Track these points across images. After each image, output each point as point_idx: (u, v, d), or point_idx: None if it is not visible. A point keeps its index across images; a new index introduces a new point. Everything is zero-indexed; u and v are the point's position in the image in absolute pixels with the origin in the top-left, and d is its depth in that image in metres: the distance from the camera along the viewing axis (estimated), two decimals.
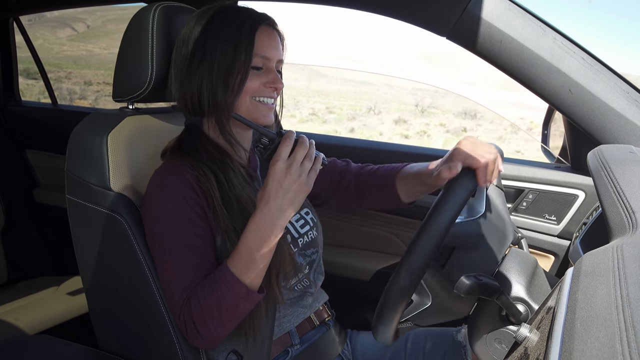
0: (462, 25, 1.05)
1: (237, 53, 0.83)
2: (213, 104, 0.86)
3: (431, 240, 0.69)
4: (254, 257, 0.76)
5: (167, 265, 0.82)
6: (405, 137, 12.80)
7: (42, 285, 1.78)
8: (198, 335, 0.80)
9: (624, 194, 0.56)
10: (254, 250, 0.76)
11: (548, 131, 1.48)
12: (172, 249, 0.81)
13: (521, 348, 0.58)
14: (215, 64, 0.84)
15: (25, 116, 2.16)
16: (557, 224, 1.25)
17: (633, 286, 0.36)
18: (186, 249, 0.81)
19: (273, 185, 0.74)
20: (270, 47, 0.87)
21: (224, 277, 0.77)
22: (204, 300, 0.77)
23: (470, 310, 0.80)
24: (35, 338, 1.13)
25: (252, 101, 0.87)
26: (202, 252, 0.82)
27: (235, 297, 0.77)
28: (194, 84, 0.86)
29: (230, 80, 0.84)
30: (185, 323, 0.80)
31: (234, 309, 0.78)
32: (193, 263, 0.81)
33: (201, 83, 0.85)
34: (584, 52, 1.03)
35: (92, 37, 23.10)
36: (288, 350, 0.94)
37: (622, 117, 1.00)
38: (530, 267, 0.80)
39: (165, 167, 0.87)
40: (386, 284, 0.72)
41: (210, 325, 0.79)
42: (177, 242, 0.81)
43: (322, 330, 1.01)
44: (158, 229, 0.83)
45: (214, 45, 0.84)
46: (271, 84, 0.87)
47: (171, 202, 0.82)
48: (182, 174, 0.84)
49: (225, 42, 0.84)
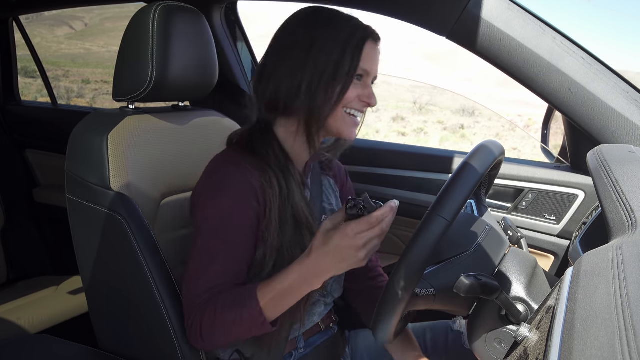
0: (461, 25, 1.05)
1: (345, 61, 0.81)
2: (309, 108, 0.83)
3: (430, 239, 0.69)
4: (285, 298, 0.76)
5: (202, 263, 0.81)
6: (403, 135, 12.78)
7: (42, 285, 1.78)
8: (199, 337, 0.80)
9: (624, 194, 0.56)
10: (288, 291, 0.76)
11: (548, 131, 1.48)
12: (215, 251, 0.81)
13: (521, 348, 0.59)
14: (320, 67, 0.81)
15: (25, 116, 2.16)
16: (556, 224, 1.26)
17: (633, 286, 0.36)
18: (228, 256, 0.81)
19: (335, 250, 0.71)
20: (373, 61, 0.85)
21: (249, 301, 0.77)
22: (221, 312, 0.77)
23: (470, 310, 0.80)
24: (35, 338, 1.13)
25: (342, 112, 0.85)
26: (241, 263, 0.82)
27: (250, 322, 0.77)
28: (295, 81, 0.82)
29: (332, 86, 0.82)
30: (193, 322, 0.80)
31: (245, 331, 0.78)
32: (228, 271, 0.81)
33: (300, 83, 0.82)
34: (583, 51, 1.03)
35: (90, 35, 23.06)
36: (292, 353, 0.95)
37: (622, 117, 1.00)
38: (530, 267, 0.80)
39: (234, 162, 0.84)
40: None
41: (216, 335, 0.79)
42: (222, 247, 0.81)
43: (327, 334, 1.01)
44: (208, 225, 0.82)
45: (322, 48, 0.81)
46: (366, 99, 0.85)
47: (232, 206, 0.81)
48: (249, 179, 0.81)
49: (335, 47, 0.81)
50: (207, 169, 0.87)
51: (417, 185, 1.41)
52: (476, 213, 0.99)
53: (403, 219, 1.44)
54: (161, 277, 0.90)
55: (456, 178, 0.72)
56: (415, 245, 0.69)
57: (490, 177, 1.00)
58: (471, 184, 0.72)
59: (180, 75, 0.99)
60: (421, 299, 0.76)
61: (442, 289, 0.76)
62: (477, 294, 0.68)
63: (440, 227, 0.69)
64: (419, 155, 1.44)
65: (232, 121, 1.19)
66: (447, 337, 1.07)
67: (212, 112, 1.17)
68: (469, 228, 0.86)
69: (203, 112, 1.15)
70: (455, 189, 0.71)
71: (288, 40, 0.85)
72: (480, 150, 0.79)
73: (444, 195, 0.71)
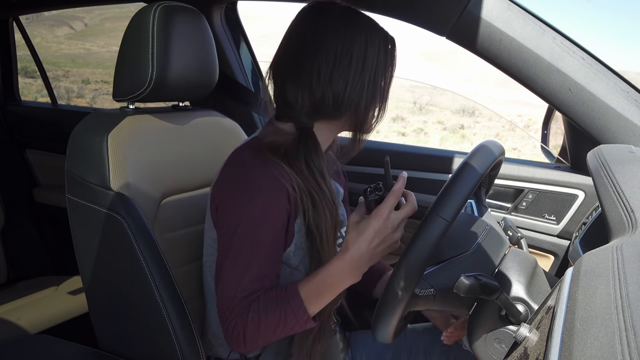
0: (461, 25, 1.05)
1: (388, 61, 0.85)
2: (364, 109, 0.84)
3: (429, 239, 0.69)
4: (327, 292, 0.78)
5: (237, 268, 0.79)
6: (403, 135, 12.78)
7: (42, 285, 1.78)
8: (242, 343, 0.79)
9: (624, 194, 0.56)
10: (329, 287, 0.78)
11: (548, 131, 1.48)
12: (249, 254, 0.79)
13: (521, 348, 0.59)
14: (374, 70, 0.83)
15: (25, 116, 2.16)
16: (556, 224, 1.26)
17: (633, 286, 0.36)
18: (262, 259, 0.79)
19: (372, 234, 0.75)
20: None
21: (292, 300, 0.78)
22: (265, 316, 0.77)
23: (470, 310, 0.80)
24: (35, 338, 1.13)
25: None
26: (276, 264, 0.82)
27: (294, 321, 0.78)
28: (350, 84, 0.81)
29: (384, 87, 0.85)
30: (234, 329, 0.79)
31: (289, 330, 0.79)
32: (264, 274, 0.80)
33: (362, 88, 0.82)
34: (583, 51, 1.03)
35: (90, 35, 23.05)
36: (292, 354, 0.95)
37: (622, 117, 1.00)
38: (530, 267, 0.80)
39: (261, 161, 0.81)
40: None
41: (259, 338, 0.79)
42: (256, 250, 0.79)
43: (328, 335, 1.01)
44: (242, 229, 0.79)
45: (373, 51, 0.82)
46: None
47: (265, 209, 0.79)
48: (279, 177, 0.79)
49: (381, 50, 0.83)
50: (229, 170, 0.83)
51: (417, 185, 1.41)
52: (476, 213, 0.99)
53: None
54: (161, 277, 0.90)
55: (456, 178, 0.72)
56: (415, 246, 0.69)
57: (490, 177, 1.00)
58: (471, 184, 0.72)
59: (180, 75, 0.99)
60: (421, 299, 0.76)
61: (442, 289, 0.76)
62: (477, 294, 0.68)
63: (440, 227, 0.69)
64: (419, 155, 1.44)
65: (232, 121, 1.19)
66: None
67: (212, 112, 1.17)
68: (469, 228, 0.86)
69: (203, 112, 1.15)
70: (455, 189, 0.71)
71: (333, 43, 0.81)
72: (480, 150, 0.79)
73: (443, 195, 0.71)
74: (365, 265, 0.77)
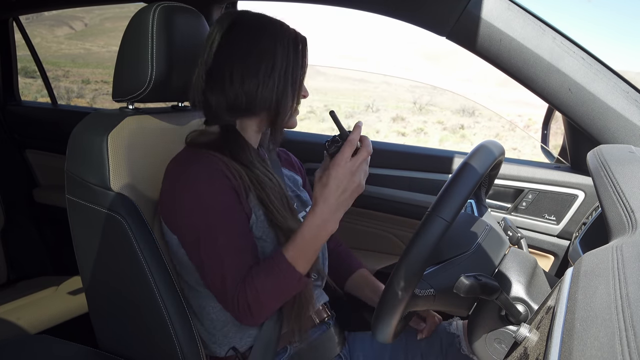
0: (461, 25, 1.05)
1: (298, 59, 0.89)
2: (276, 106, 0.89)
3: (429, 239, 0.69)
4: (309, 248, 0.82)
5: (217, 253, 0.83)
6: (402, 135, 12.78)
7: (42, 285, 1.78)
8: (250, 315, 0.84)
9: (624, 194, 0.56)
10: (310, 242, 0.82)
11: (548, 131, 1.48)
12: (218, 240, 0.83)
13: (521, 348, 0.59)
14: (283, 68, 0.88)
15: (25, 116, 2.16)
16: (556, 224, 1.26)
17: (633, 286, 0.36)
18: (235, 235, 0.85)
19: (334, 184, 0.78)
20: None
21: (280, 264, 0.82)
22: (260, 285, 0.82)
23: (470, 310, 0.80)
24: (35, 338, 1.13)
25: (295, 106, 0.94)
26: (246, 236, 0.86)
27: (289, 283, 0.83)
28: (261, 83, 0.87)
29: (295, 84, 0.90)
30: (239, 304, 0.83)
31: (288, 292, 0.85)
32: (243, 246, 0.85)
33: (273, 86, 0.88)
34: (583, 51, 1.03)
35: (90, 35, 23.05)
36: (287, 347, 0.96)
37: (622, 117, 1.00)
38: (529, 267, 0.80)
39: (195, 157, 0.88)
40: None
41: (265, 307, 0.84)
42: (221, 233, 0.84)
43: (321, 329, 1.02)
44: (201, 219, 0.84)
45: (278, 52, 0.88)
46: (304, 94, 0.94)
47: (212, 192, 0.84)
48: (214, 164, 0.86)
49: (290, 49, 0.89)
50: (170, 172, 0.89)
51: (417, 185, 1.41)
52: (476, 213, 0.99)
53: (403, 219, 1.44)
54: (161, 278, 0.90)
55: (456, 178, 0.73)
56: (415, 246, 0.69)
57: (490, 177, 1.00)
58: (471, 185, 0.72)
59: (180, 75, 0.99)
60: (421, 299, 0.76)
61: (442, 290, 0.76)
62: (477, 294, 0.68)
63: (440, 228, 0.69)
64: (419, 155, 1.44)
65: None
66: (442, 340, 1.07)
67: None
68: (468, 228, 0.86)
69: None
70: (454, 190, 0.71)
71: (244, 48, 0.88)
72: (480, 150, 0.79)
73: (443, 196, 0.71)
74: (338, 213, 0.80)
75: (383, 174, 1.45)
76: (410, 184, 1.42)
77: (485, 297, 0.69)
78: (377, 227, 1.49)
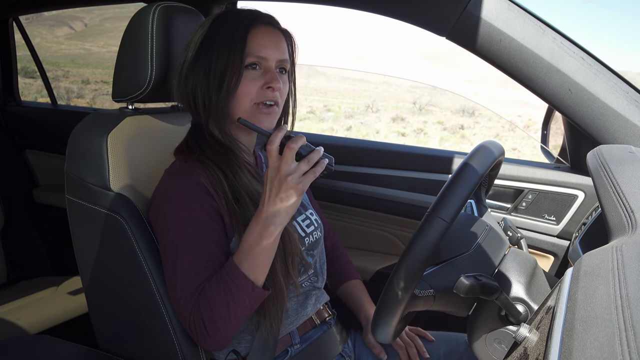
0: (461, 25, 1.05)
1: (231, 55, 0.84)
2: (208, 106, 0.87)
3: (429, 240, 0.69)
4: (254, 252, 0.78)
5: (179, 269, 0.82)
6: (402, 135, 12.78)
7: (42, 285, 1.78)
8: (207, 336, 0.81)
9: (624, 194, 0.56)
10: (254, 245, 0.78)
11: (548, 131, 1.48)
12: (186, 255, 0.82)
13: (521, 348, 0.59)
14: (210, 66, 0.85)
15: (25, 116, 2.16)
16: (556, 224, 1.26)
17: (633, 286, 0.36)
18: (199, 254, 0.83)
19: (267, 185, 0.77)
20: (267, 46, 0.86)
21: (230, 272, 0.79)
22: (212, 297, 0.79)
23: (470, 310, 0.80)
24: (35, 338, 1.13)
25: (252, 106, 0.87)
26: (215, 256, 0.84)
27: (241, 292, 0.79)
28: (190, 86, 0.87)
29: (225, 82, 0.84)
30: (195, 324, 0.81)
31: (241, 305, 0.80)
32: (204, 266, 0.82)
33: (196, 85, 0.86)
34: (583, 52, 1.03)
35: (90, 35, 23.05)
36: (288, 350, 0.95)
37: (622, 117, 1.00)
38: (529, 267, 0.80)
39: (178, 170, 0.88)
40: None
41: (219, 324, 0.80)
42: (191, 248, 0.83)
43: (322, 329, 1.01)
44: (173, 234, 0.84)
45: (210, 48, 0.85)
46: (268, 84, 0.86)
47: (187, 208, 0.83)
48: (195, 177, 0.84)
49: (220, 44, 0.85)
50: (160, 186, 0.89)
51: (416, 186, 1.41)
52: (476, 213, 0.99)
53: (403, 219, 1.44)
54: (161, 278, 0.90)
55: (456, 179, 0.72)
56: (415, 247, 0.69)
57: (490, 178, 1.00)
58: (470, 185, 0.72)
59: None
60: (421, 299, 0.76)
61: (441, 290, 0.76)
62: (477, 295, 0.68)
63: (440, 228, 0.69)
64: (419, 156, 1.44)
65: None
66: (462, 354, 1.05)
67: None
68: (468, 228, 0.86)
69: None
70: (454, 190, 0.71)
71: (186, 50, 0.89)
72: (480, 150, 0.79)
73: (443, 196, 0.71)
74: (279, 215, 0.77)
75: (383, 174, 1.45)
76: (410, 184, 1.42)
77: (485, 297, 0.69)
78: (377, 227, 1.49)
